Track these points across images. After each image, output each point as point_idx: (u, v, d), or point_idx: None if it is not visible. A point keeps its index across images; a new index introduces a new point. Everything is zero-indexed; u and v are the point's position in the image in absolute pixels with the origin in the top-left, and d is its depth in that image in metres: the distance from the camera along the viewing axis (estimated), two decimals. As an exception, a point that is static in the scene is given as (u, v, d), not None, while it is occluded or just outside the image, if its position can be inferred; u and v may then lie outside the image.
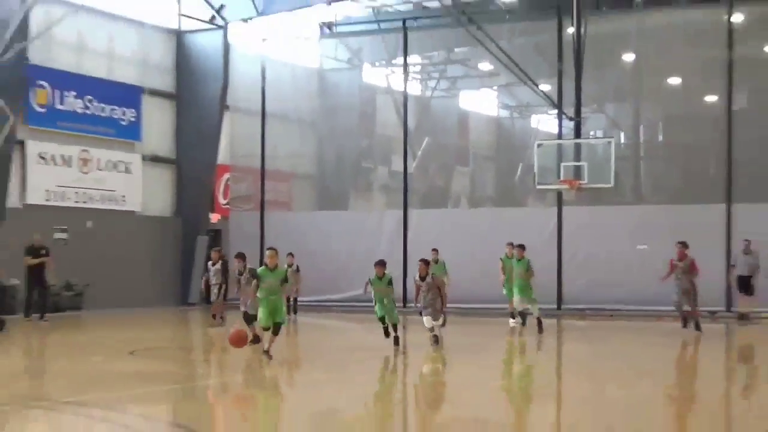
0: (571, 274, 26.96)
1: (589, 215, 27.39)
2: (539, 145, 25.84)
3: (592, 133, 29.20)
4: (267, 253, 15.90)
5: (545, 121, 32.12)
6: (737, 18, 27.47)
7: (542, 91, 28.27)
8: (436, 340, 16.72)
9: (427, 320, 16.95)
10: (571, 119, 25.61)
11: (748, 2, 27.77)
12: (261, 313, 14.92)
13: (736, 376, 16.00)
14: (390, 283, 16.77)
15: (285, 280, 15.74)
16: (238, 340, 15.03)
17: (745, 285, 23.38)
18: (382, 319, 16.72)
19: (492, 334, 23.21)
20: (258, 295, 15.38)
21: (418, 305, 17.44)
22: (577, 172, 24.07)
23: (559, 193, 26.44)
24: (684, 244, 20.74)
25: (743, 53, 27.35)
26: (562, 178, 24.38)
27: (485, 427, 10.19)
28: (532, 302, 22.28)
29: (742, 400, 12.76)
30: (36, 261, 24.11)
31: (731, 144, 26.48)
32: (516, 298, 22.50)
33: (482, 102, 36.24)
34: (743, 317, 23.78)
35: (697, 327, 20.24)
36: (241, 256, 18.87)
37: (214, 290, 22.88)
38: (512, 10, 31.17)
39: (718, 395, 13.12)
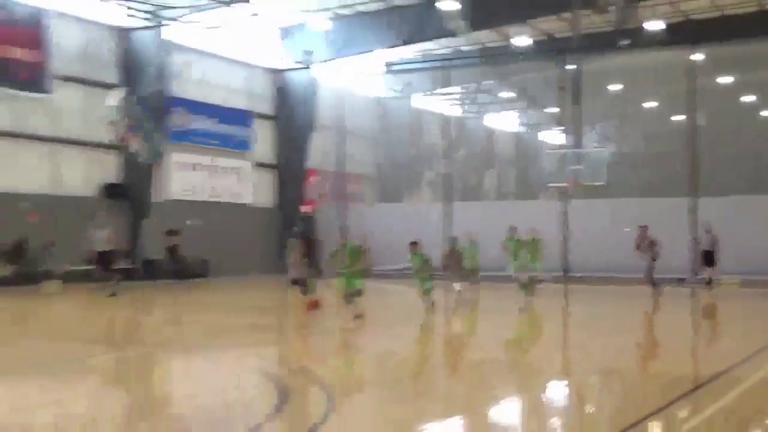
0: (572, 249, 28.36)
1: (586, 206, 29.01)
2: (548, 154, 28.75)
3: (588, 144, 30.03)
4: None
5: (552, 135, 32.89)
6: (697, 56, 30.15)
7: (548, 112, 31.11)
8: (459, 302, 17.81)
9: (455, 285, 18.30)
10: (571, 134, 28.30)
11: (705, 45, 30.01)
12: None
13: (701, 326, 16.92)
14: (424, 259, 17.06)
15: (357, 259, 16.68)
16: (314, 305, 16.83)
17: (709, 258, 24.56)
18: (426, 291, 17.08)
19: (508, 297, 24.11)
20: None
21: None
22: (577, 173, 26.79)
23: (564, 190, 28.70)
24: (644, 227, 21.78)
25: (702, 83, 29.86)
26: (565, 178, 27.11)
27: (500, 365, 11.67)
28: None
29: (704, 344, 13.59)
30: (173, 241, 26.10)
31: (695, 151, 28.95)
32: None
33: (504, 121, 37.88)
34: (709, 283, 24.73)
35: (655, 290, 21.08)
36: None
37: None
38: (525, 52, 32.25)
39: (684, 339, 14.21)
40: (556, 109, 31.12)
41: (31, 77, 25.84)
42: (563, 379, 10.22)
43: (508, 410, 8.10)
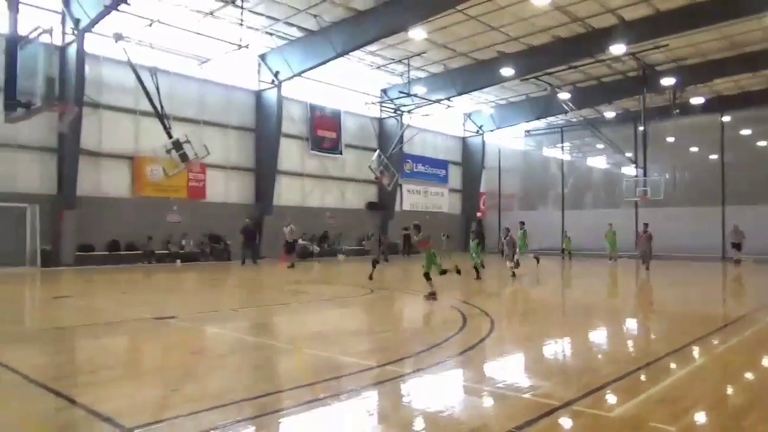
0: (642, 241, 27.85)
1: (653, 212, 28.96)
2: (627, 180, 29.45)
3: (651, 174, 28.75)
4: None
5: (628, 169, 31.83)
6: (726, 118, 30.84)
7: (627, 155, 31.80)
8: (513, 274, 16.55)
9: (508, 263, 17.21)
10: (640, 168, 28.92)
11: (730, 110, 30.52)
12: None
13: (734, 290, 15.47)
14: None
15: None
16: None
17: (737, 246, 25.34)
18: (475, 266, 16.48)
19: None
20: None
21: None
22: (645, 192, 27.56)
23: (636, 202, 29.23)
24: (646, 225, 20.80)
25: (728, 135, 30.84)
26: (637, 195, 27.68)
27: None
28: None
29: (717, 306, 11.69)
30: (405, 234, 27.39)
31: (723, 178, 30.16)
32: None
33: (599, 162, 38.27)
34: (737, 262, 24.94)
35: (647, 267, 19.73)
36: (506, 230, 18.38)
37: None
38: (610, 120, 33.80)
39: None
40: (631, 153, 31.36)
41: (332, 146, 29.96)
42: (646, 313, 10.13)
43: (602, 334, 8.05)
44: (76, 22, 19.57)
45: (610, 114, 33.85)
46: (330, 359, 6.04)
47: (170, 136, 18.54)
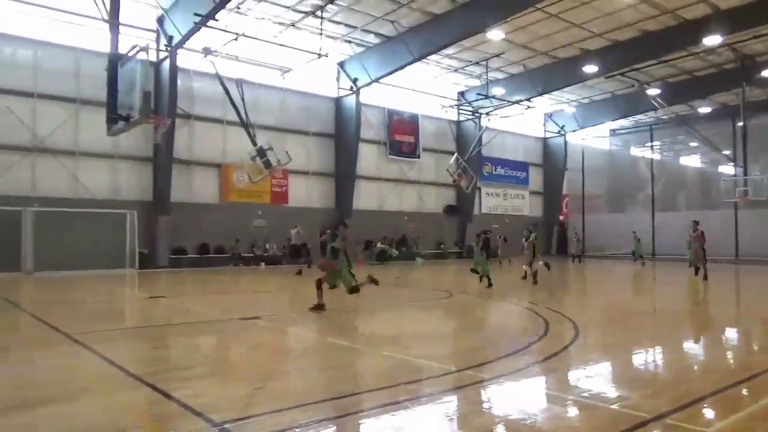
0: (740, 241, 28.80)
1: (755, 214, 28.55)
2: (724, 180, 28.67)
3: (752, 173, 28.03)
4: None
5: (726, 168, 31.20)
6: None
7: (724, 153, 31.13)
8: (532, 277, 15.38)
9: (525, 266, 16.14)
10: (740, 167, 27.99)
11: None
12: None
13: None
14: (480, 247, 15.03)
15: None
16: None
17: None
18: (474, 270, 15.20)
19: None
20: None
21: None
22: (745, 192, 26.64)
23: (735, 203, 28.24)
24: (696, 222, 17.73)
25: None
26: (736, 195, 26.85)
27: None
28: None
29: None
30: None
31: None
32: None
33: (692, 161, 37.36)
34: None
35: (697, 273, 17.20)
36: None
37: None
38: (705, 116, 32.73)
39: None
40: (729, 151, 30.35)
41: (410, 150, 30.39)
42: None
43: (695, 343, 7.60)
44: (169, 39, 20.90)
45: (704, 110, 32.57)
46: (408, 362, 6.08)
47: (255, 144, 19.45)
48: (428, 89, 30.59)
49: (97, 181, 21.06)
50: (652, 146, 34.91)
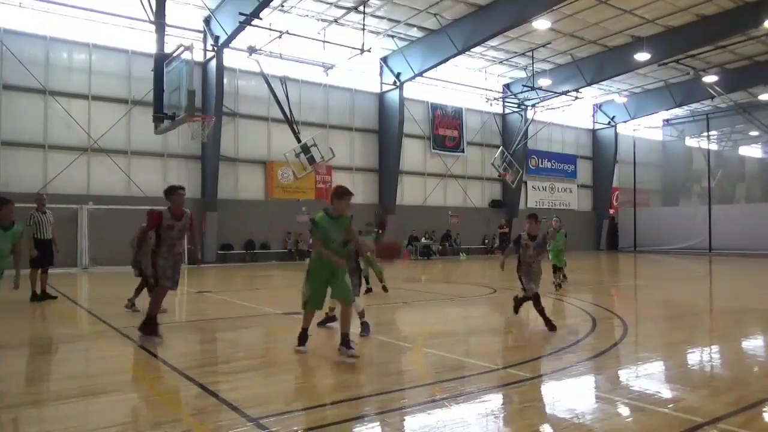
0: None
1: None
2: None
3: None
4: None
5: None
6: None
7: None
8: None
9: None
10: None
11: None
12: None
13: None
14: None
15: None
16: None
17: None
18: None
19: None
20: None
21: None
22: None
23: None
24: None
25: None
26: None
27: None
28: None
29: None
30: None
31: None
32: None
33: (753, 151, 36.32)
34: None
35: None
36: None
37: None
38: (766, 102, 31.27)
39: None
40: None
41: (454, 144, 30.28)
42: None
43: (756, 343, 7.16)
44: (216, 39, 21.30)
45: (765, 97, 31.11)
46: (451, 359, 6.00)
47: (299, 141, 19.67)
48: (472, 82, 30.37)
49: (149, 179, 21.65)
50: (708, 136, 33.86)
